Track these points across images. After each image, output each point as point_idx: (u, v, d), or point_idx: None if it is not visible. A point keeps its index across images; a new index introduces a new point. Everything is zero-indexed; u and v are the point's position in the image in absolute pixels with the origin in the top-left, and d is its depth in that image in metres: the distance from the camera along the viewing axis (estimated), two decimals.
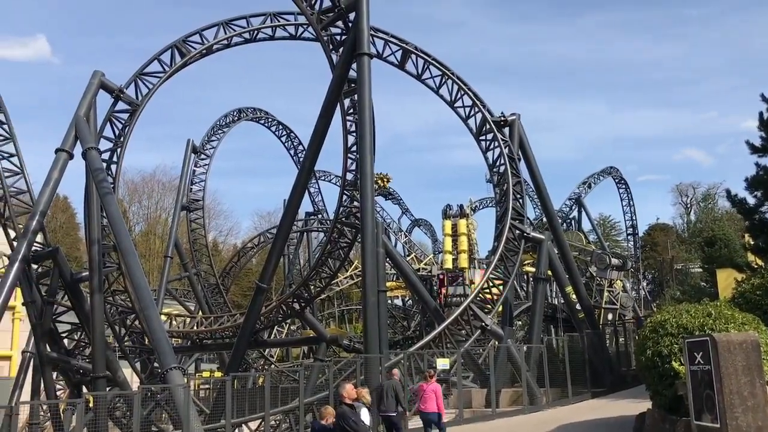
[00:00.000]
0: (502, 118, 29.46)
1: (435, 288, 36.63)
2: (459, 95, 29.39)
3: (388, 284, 38.80)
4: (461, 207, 36.54)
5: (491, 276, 26.18)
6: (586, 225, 59.31)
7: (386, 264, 30.92)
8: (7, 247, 27.99)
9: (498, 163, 28.46)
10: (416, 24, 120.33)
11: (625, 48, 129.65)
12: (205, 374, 42.59)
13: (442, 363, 20.69)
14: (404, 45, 28.87)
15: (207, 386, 34.92)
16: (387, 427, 15.02)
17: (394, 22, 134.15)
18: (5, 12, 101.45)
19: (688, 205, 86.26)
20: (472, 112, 29.34)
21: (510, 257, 26.32)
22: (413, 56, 29.00)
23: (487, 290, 26.33)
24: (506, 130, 29.62)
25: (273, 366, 40.45)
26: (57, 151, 22.29)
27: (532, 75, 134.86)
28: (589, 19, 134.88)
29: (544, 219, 37.48)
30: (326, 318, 54.92)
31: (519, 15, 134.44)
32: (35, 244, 22.83)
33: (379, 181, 57.26)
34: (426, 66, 29.20)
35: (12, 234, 25.51)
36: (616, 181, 61.71)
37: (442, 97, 29.59)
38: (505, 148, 28.17)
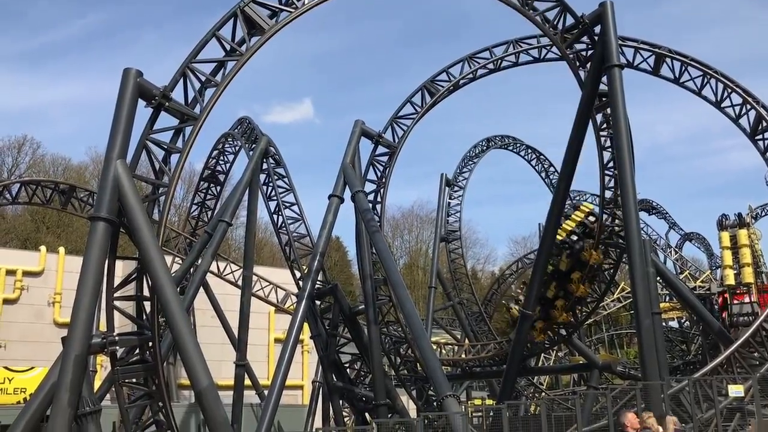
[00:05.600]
0: None
1: (716, 307, 33.45)
2: (725, 94, 26.79)
3: (662, 306, 36.26)
4: (739, 216, 33.02)
5: None
6: None
7: (657, 284, 28.98)
8: (293, 287, 31.37)
9: None
10: (669, 26, 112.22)
11: None
12: (477, 402, 43.07)
13: (735, 390, 18.74)
14: (657, 50, 27.11)
15: (479, 414, 35.30)
16: None
17: (643, 28, 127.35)
18: (281, 83, 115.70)
19: None
20: (743, 111, 26.51)
21: None
22: (668, 60, 27.14)
23: None
24: None
25: (543, 394, 39.67)
26: (330, 197, 24.65)
27: None
28: None
29: None
30: (595, 343, 52.64)
31: None
32: (317, 282, 25.31)
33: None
34: (684, 68, 27.12)
35: (297, 274, 28.48)
36: None
37: (705, 98, 27.21)
38: None
